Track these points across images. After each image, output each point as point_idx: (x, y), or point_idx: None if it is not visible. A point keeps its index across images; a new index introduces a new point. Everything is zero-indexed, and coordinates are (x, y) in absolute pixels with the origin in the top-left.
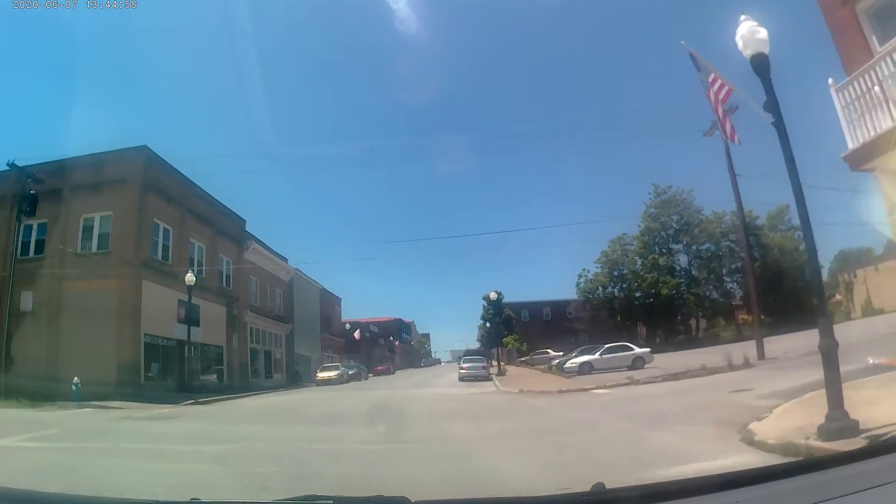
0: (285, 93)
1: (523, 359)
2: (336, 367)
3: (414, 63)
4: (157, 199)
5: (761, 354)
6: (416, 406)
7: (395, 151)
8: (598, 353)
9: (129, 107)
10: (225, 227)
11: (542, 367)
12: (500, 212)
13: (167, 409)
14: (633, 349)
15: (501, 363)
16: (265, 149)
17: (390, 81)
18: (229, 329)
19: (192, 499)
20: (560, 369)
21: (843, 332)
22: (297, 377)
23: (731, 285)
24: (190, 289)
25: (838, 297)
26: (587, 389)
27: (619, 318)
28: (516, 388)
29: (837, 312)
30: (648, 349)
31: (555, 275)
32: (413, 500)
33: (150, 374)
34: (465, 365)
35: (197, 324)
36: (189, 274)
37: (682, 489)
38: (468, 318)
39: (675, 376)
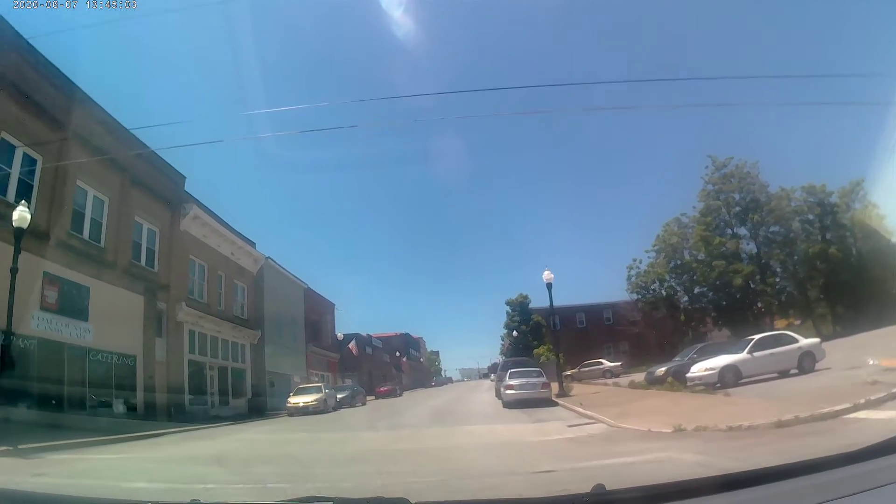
0: (284, 96)
1: (569, 372)
2: (316, 390)
3: (419, 62)
4: (5, 100)
5: None
6: None
7: (396, 153)
8: (745, 351)
9: None
10: (147, 177)
11: (612, 381)
12: (511, 210)
13: None
14: (796, 340)
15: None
16: (262, 150)
17: (392, 81)
18: (149, 330)
19: (192, 500)
20: (678, 379)
21: None
22: (260, 405)
23: (802, 274)
24: (19, 235)
25: None
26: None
27: (682, 318)
28: (656, 422)
29: None
30: (817, 340)
31: (587, 278)
32: (413, 502)
33: None
34: (513, 381)
35: (84, 316)
36: (20, 209)
37: (681, 490)
38: (479, 335)
39: None
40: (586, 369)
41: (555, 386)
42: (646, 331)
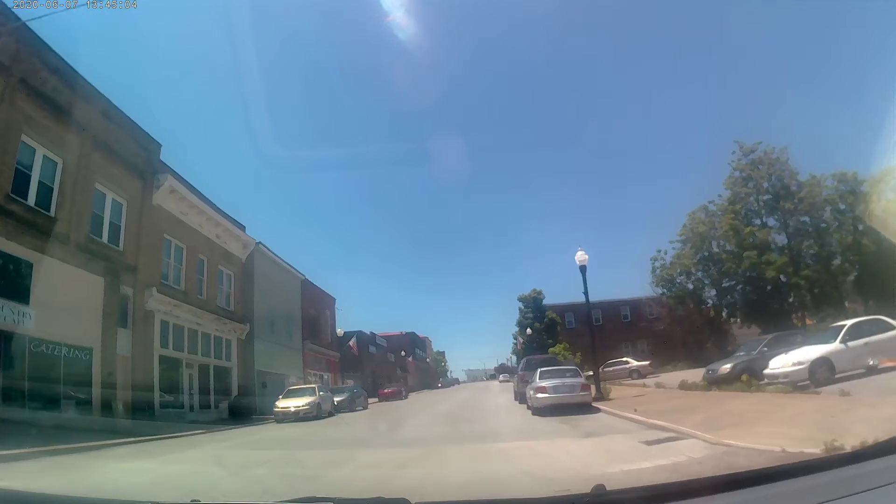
0: (285, 98)
1: (590, 372)
2: (309, 392)
3: (418, 66)
4: None
5: None
6: None
7: (400, 152)
8: (837, 340)
9: None
10: (113, 140)
11: (653, 381)
12: (516, 209)
13: None
14: (894, 326)
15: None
16: (263, 152)
17: (395, 85)
18: (111, 318)
19: (192, 500)
20: (754, 375)
21: None
22: (246, 408)
23: (835, 267)
24: None
25: None
26: None
27: (711, 313)
28: (779, 437)
29: None
30: None
31: (601, 274)
32: (413, 502)
33: None
34: (545, 382)
35: (24, 298)
36: None
37: (682, 490)
38: (485, 336)
39: None
40: (610, 369)
41: (604, 389)
42: (670, 327)
